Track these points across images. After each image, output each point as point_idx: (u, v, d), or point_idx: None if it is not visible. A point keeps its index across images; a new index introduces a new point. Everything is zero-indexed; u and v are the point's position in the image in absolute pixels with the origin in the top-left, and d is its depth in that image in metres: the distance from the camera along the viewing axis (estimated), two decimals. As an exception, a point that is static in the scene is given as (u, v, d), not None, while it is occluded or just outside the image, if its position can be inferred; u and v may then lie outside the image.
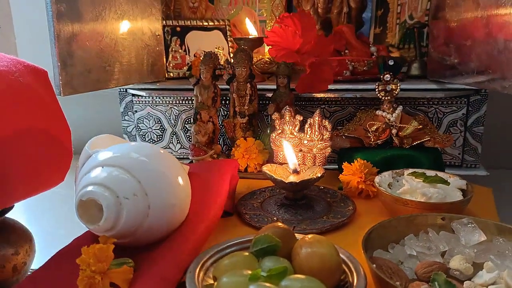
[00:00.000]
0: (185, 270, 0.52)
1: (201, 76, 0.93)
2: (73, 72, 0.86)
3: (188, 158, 1.09)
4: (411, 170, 0.75)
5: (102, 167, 0.53)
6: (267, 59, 1.26)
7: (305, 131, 0.78)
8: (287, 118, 0.78)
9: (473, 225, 0.60)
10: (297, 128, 0.79)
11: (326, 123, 0.77)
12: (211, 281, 0.52)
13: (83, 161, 0.58)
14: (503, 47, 0.76)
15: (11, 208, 0.66)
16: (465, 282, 0.51)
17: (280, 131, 0.79)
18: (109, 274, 0.48)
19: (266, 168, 0.73)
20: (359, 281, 0.49)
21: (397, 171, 0.77)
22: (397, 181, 0.76)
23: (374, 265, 0.49)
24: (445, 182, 0.70)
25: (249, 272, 0.48)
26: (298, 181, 0.67)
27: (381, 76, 0.84)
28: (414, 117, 0.90)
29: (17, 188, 0.62)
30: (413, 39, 1.12)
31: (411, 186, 0.70)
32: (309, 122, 0.78)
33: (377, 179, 0.73)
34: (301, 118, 0.79)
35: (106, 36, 0.94)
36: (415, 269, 0.53)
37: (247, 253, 0.53)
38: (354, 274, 0.50)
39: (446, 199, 0.67)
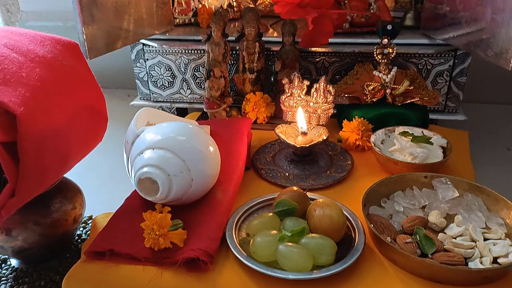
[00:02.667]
0: (223, 228, 0.66)
1: (212, 34, 1.00)
2: (96, 35, 0.92)
3: (199, 103, 1.20)
4: (401, 129, 0.88)
5: (153, 149, 0.65)
6: (267, 3, 1.31)
7: (311, 94, 0.88)
8: (296, 83, 0.88)
9: (449, 183, 0.74)
10: (304, 92, 0.89)
11: (330, 88, 0.87)
12: (244, 236, 0.67)
13: (131, 138, 0.69)
14: (490, 18, 0.85)
15: (65, 171, 0.77)
16: (439, 234, 0.66)
17: (289, 94, 0.90)
18: (169, 235, 0.62)
19: (279, 131, 0.84)
20: (360, 237, 0.64)
21: (389, 128, 0.89)
22: (389, 137, 0.89)
23: (372, 225, 0.64)
24: (429, 142, 0.83)
25: (275, 232, 0.63)
26: (307, 145, 0.80)
27: (380, 40, 0.93)
28: (406, 72, 1.01)
29: (74, 157, 0.73)
30: (409, -13, 1.18)
31: (400, 146, 0.83)
32: (315, 87, 0.88)
33: (372, 138, 0.86)
34: (308, 83, 0.88)
35: (121, -6, 0.98)
36: (402, 223, 0.69)
37: (271, 214, 0.67)
38: (356, 230, 0.66)
39: (430, 158, 0.81)
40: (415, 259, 0.59)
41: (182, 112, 1.29)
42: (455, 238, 0.65)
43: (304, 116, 0.83)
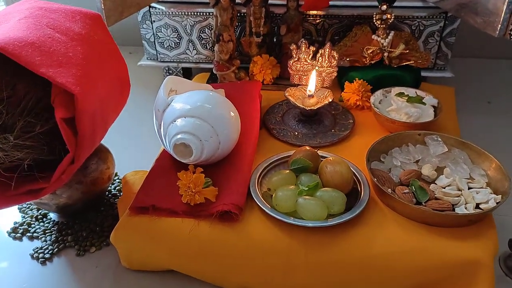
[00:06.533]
0: (248, 184, 0.76)
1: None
2: (110, 4, 0.96)
3: (204, 63, 1.26)
4: (397, 89, 0.97)
5: (184, 118, 0.73)
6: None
7: (317, 59, 0.96)
8: (303, 48, 0.95)
9: (439, 140, 0.85)
10: (310, 57, 0.96)
11: (334, 53, 0.95)
12: (265, 190, 0.77)
13: (162, 106, 0.77)
14: (480, -13, 0.92)
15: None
16: (431, 185, 0.78)
17: (296, 59, 0.97)
18: (203, 192, 0.72)
19: (288, 94, 0.93)
20: (365, 189, 0.75)
21: (386, 89, 0.99)
22: (386, 97, 0.99)
23: (376, 179, 0.75)
24: (422, 102, 0.93)
25: (293, 186, 0.74)
26: (315, 108, 0.89)
27: (379, 6, 1.00)
28: (400, 34, 1.09)
29: (110, 123, 0.82)
30: None
31: (397, 106, 0.93)
32: (320, 52, 0.96)
33: (372, 99, 0.95)
34: (314, 49, 0.96)
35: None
36: (400, 176, 0.80)
37: (288, 171, 0.78)
38: (361, 183, 0.77)
39: (422, 117, 0.92)
40: (412, 207, 0.71)
41: (186, 72, 1.35)
42: (444, 188, 0.77)
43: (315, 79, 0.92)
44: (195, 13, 1.19)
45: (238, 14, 1.14)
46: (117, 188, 0.96)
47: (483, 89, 1.34)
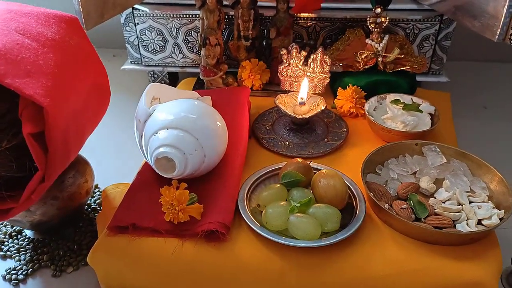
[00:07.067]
0: (236, 200, 0.71)
1: (207, 1, 1.00)
2: (90, 4, 0.91)
3: (191, 67, 1.21)
4: (392, 96, 0.93)
5: (167, 129, 0.68)
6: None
7: (309, 64, 0.92)
8: (294, 53, 0.91)
9: (437, 150, 0.81)
10: (301, 62, 0.92)
11: (327, 58, 0.91)
12: (254, 206, 0.72)
13: (143, 117, 0.72)
14: (478, -11, 0.88)
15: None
16: (430, 199, 0.74)
17: (287, 64, 0.92)
18: (187, 209, 0.67)
19: (278, 101, 0.88)
20: (361, 204, 0.71)
21: (381, 95, 0.94)
22: (381, 104, 0.94)
23: (372, 194, 0.71)
24: (419, 110, 0.89)
25: (284, 203, 0.69)
26: (307, 117, 0.84)
27: (373, 9, 0.95)
28: (395, 38, 1.05)
29: (88, 134, 0.76)
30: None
31: (393, 114, 0.88)
32: (312, 57, 0.91)
33: (366, 106, 0.91)
34: (306, 54, 0.91)
35: (112, -39, 0.96)
36: (397, 190, 0.75)
37: (278, 185, 0.73)
38: (357, 198, 0.72)
39: (419, 125, 0.87)
40: (411, 224, 0.66)
41: (172, 76, 1.30)
42: (444, 203, 0.72)
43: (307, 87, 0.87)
44: (181, 15, 1.14)
45: (226, 17, 1.09)
46: (97, 201, 0.91)
47: (478, 94, 1.31)
